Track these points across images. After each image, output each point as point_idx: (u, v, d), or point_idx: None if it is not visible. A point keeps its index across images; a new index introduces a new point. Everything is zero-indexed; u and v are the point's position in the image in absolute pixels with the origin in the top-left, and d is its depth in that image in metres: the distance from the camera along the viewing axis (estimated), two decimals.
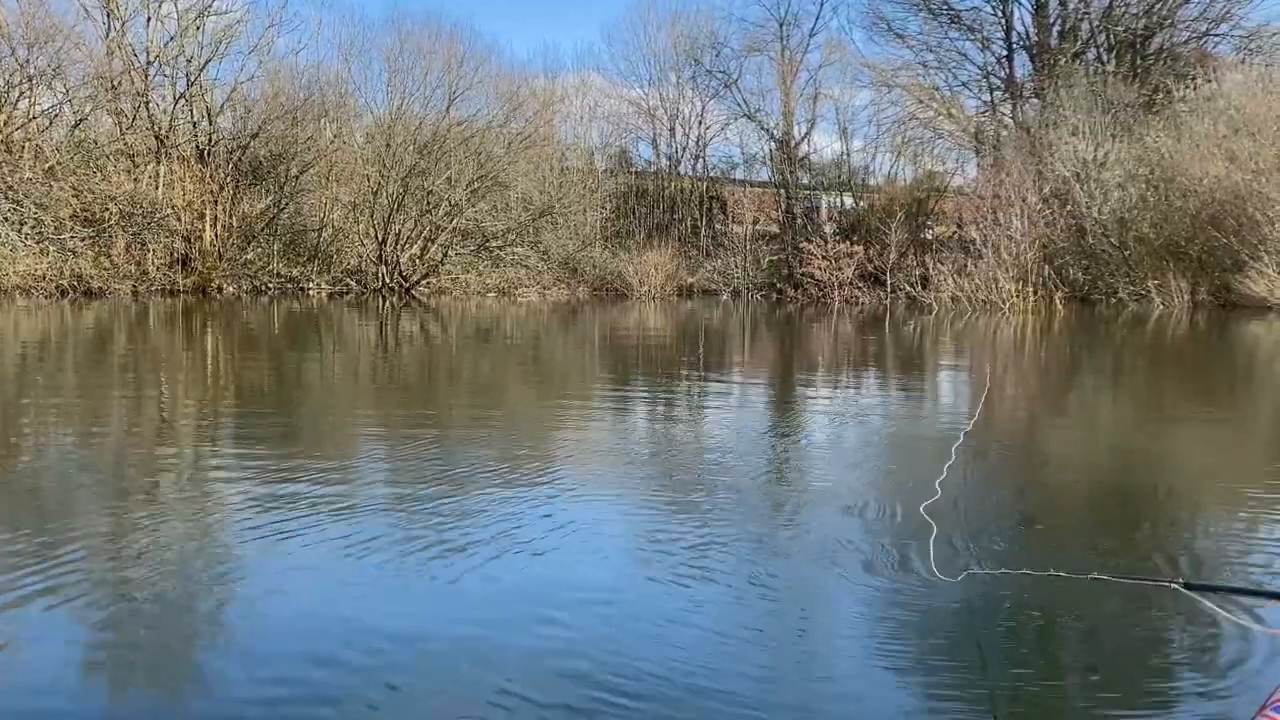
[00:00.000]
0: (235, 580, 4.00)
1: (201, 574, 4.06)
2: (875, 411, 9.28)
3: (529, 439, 7.42)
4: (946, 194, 35.27)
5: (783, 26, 38.92)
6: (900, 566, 4.23)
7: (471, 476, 5.82)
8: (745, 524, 4.93)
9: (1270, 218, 23.67)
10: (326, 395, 10.10)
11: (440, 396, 10.08)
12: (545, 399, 10.03)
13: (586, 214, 35.44)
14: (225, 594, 3.85)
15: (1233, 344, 17.03)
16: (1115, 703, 2.94)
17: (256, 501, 5.08)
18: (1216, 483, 6.22)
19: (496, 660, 3.20)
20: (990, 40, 37.41)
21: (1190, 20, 35.08)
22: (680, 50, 39.71)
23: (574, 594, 3.86)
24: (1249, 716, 2.40)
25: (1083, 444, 7.74)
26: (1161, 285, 25.40)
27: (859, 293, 30.45)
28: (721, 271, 34.76)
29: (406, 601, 3.76)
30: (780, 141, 39.15)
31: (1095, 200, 27.16)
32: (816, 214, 36.99)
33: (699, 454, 6.99)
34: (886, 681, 3.14)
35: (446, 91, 30.79)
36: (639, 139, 41.08)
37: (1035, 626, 3.63)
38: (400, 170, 29.70)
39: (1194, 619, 3.50)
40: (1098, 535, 4.84)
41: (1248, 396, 10.71)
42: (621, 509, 5.26)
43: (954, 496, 5.61)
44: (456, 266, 31.58)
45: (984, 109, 37.89)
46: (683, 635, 3.43)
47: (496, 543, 4.45)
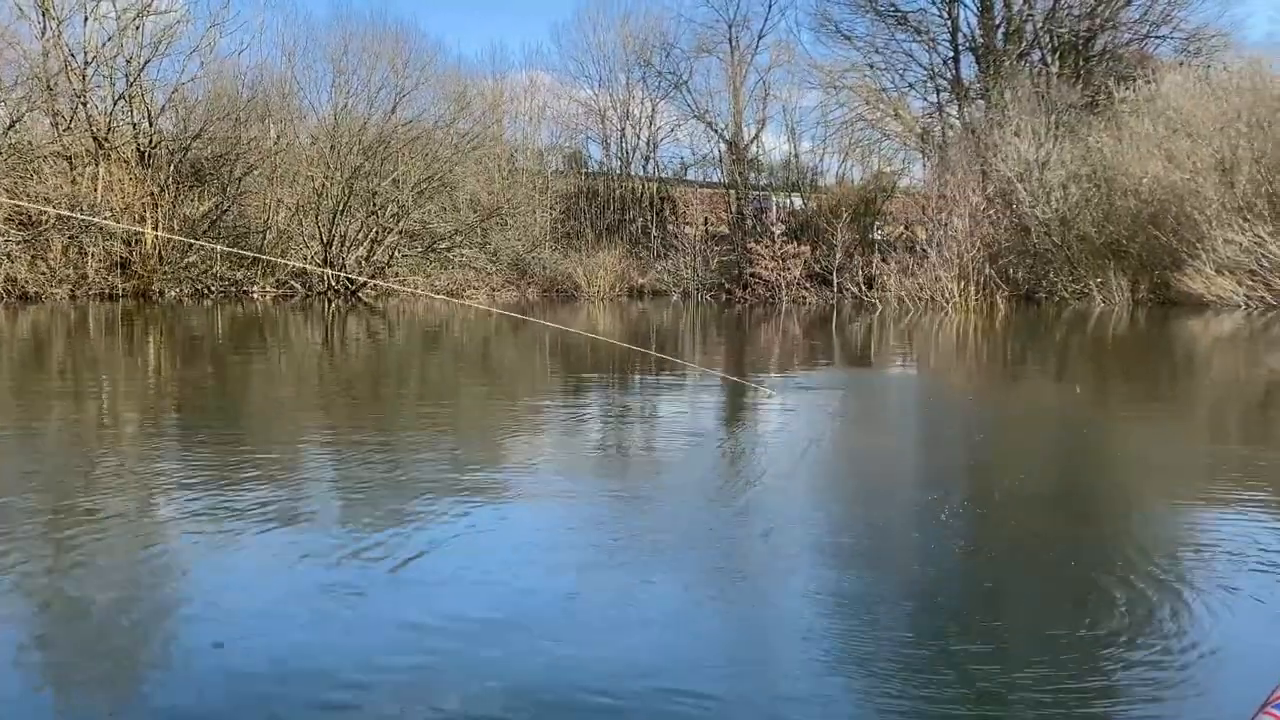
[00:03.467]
0: (175, 593, 3.87)
1: (140, 587, 3.92)
2: (821, 409, 9.26)
3: (478, 442, 7.32)
4: (894, 195, 35.51)
5: (731, 28, 39.06)
6: (854, 559, 4.24)
7: (420, 481, 5.72)
8: (698, 521, 4.92)
9: (1208, 216, 24.03)
10: (270, 401, 9.92)
11: (388, 400, 9.93)
12: (493, 401, 9.92)
13: (536, 215, 35.33)
14: (165, 608, 3.72)
15: (1170, 340, 17.24)
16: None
17: (198, 512, 4.95)
18: (1143, 463, 6.24)
19: (447, 666, 3.14)
20: (936, 42, 37.75)
21: (1132, 22, 35.65)
22: (630, 51, 39.74)
23: (527, 595, 3.81)
24: (1249, 716, 2.36)
25: (1009, 435, 7.77)
26: (1103, 283, 25.73)
27: (806, 293, 30.57)
28: (672, 272, 34.77)
29: (354, 609, 3.67)
30: (730, 142, 39.27)
31: (1038, 200, 27.44)
32: (766, 215, 37.09)
33: (650, 453, 6.96)
34: (843, 674, 3.13)
35: (392, 92, 30.52)
36: (589, 139, 41.05)
37: (1000, 604, 3.63)
38: (345, 171, 29.39)
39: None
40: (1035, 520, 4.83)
41: (1181, 388, 10.82)
42: (573, 509, 5.21)
43: (898, 486, 5.60)
44: (404, 268, 31.29)
45: (931, 110, 38.23)
46: (640, 633, 3.42)
47: (446, 546, 4.39)
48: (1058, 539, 4.54)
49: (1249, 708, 2.40)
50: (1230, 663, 3.13)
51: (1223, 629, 3.35)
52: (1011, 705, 2.88)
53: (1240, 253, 23.12)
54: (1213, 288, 23.29)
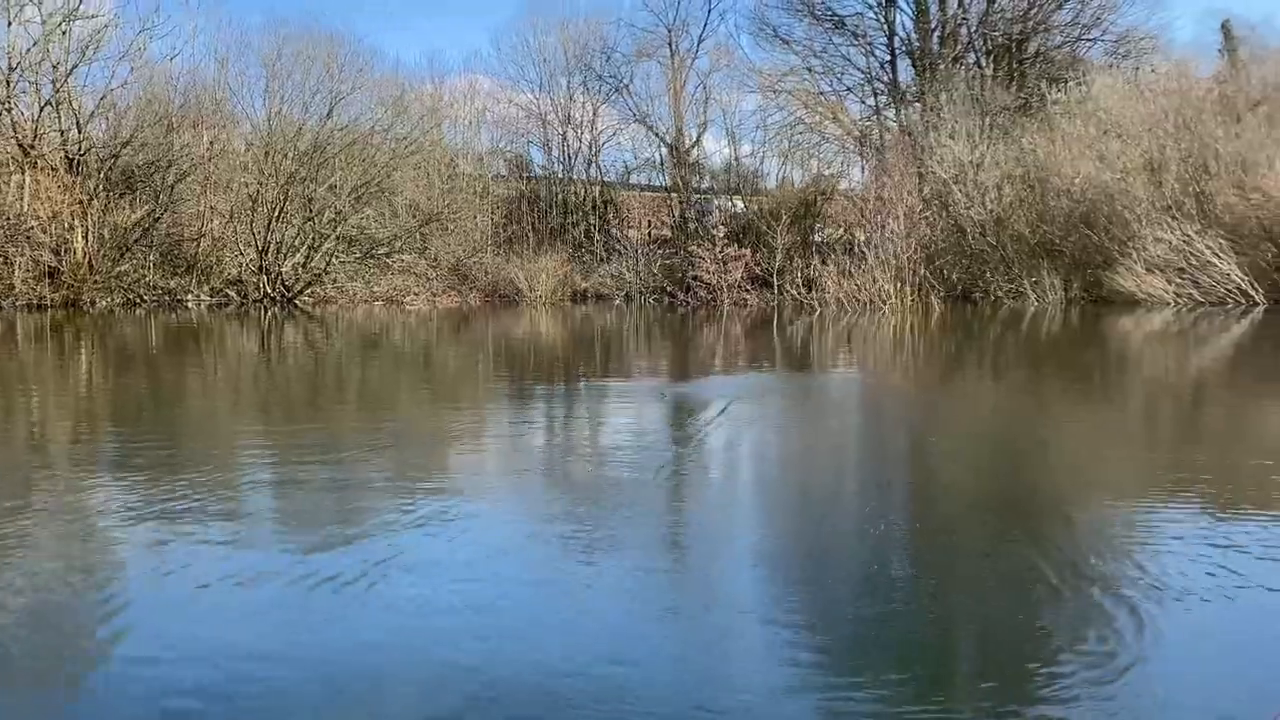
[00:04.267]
0: (115, 615, 3.67)
1: (78, 610, 3.74)
2: (761, 407, 9.25)
3: (421, 450, 7.18)
4: (834, 197, 35.76)
5: (671, 32, 39.16)
6: (800, 555, 4.23)
7: (363, 490, 5.60)
8: (645, 520, 4.90)
9: (1138, 216, 24.47)
10: (206, 412, 9.67)
11: (328, 410, 9.73)
12: (436, 409, 9.77)
13: (477, 219, 35.12)
14: (106, 632, 3.53)
15: (1100, 338, 17.49)
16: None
17: (136, 528, 4.77)
18: (1076, 462, 6.28)
19: (399, 675, 3.09)
20: (873, 46, 38.12)
21: (1063, 25, 36.27)
22: (570, 55, 39.64)
23: (475, 602, 3.73)
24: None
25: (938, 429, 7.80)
26: (1037, 282, 26.10)
27: (747, 295, 30.68)
28: (615, 276, 34.77)
29: (300, 621, 3.56)
30: (671, 146, 39.34)
31: (973, 201, 27.78)
32: (707, 218, 37.19)
33: (595, 455, 6.89)
34: (794, 671, 3.12)
35: (327, 97, 30.16)
36: (530, 144, 40.90)
37: (941, 602, 3.62)
38: (280, 178, 29.00)
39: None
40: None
41: (1112, 386, 10.95)
42: (519, 514, 5.15)
43: (835, 487, 5.58)
44: (342, 275, 30.94)
45: (869, 113, 38.58)
46: (591, 634, 3.39)
47: (393, 556, 4.27)
48: (995, 538, 4.57)
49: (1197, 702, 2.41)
50: (1174, 661, 3.15)
51: (1164, 628, 3.37)
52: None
53: (1169, 251, 23.54)
54: (1143, 286, 23.70)
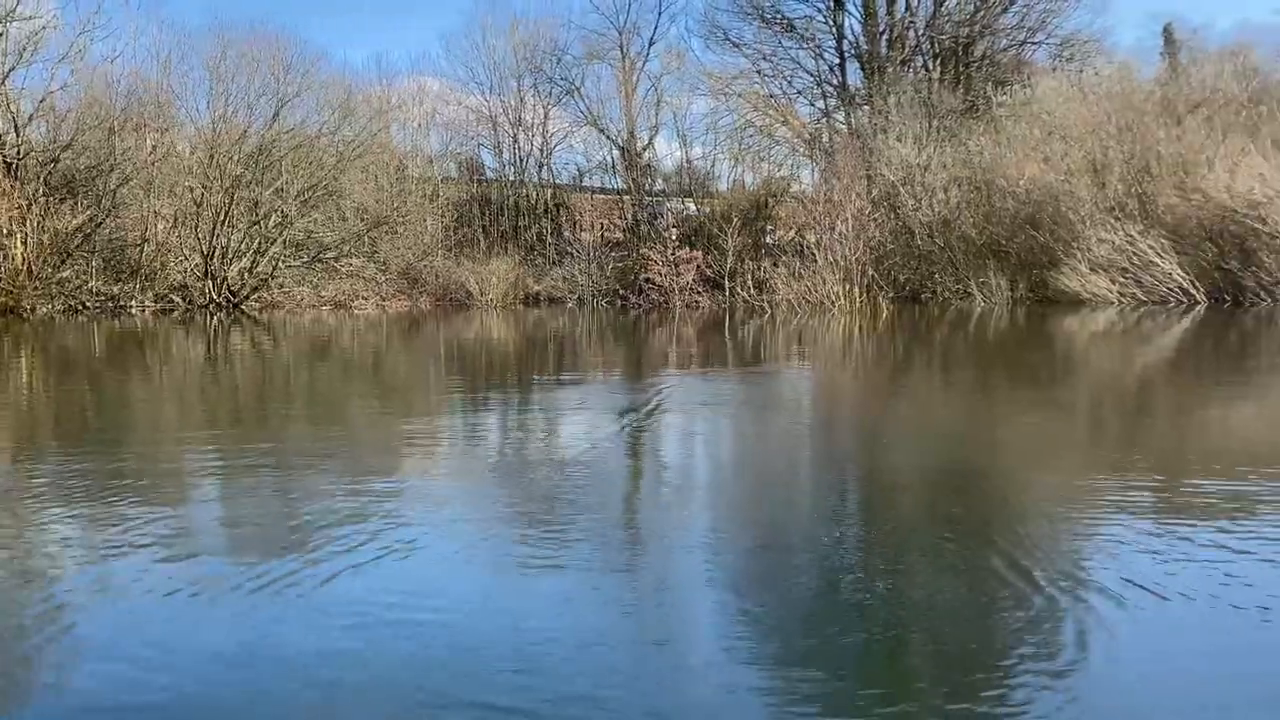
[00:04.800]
0: (62, 632, 3.53)
1: (21, 627, 3.58)
2: (716, 408, 9.23)
3: (373, 457, 7.03)
4: (785, 200, 35.94)
5: (622, 35, 39.14)
6: (756, 555, 4.23)
7: (313, 500, 5.43)
8: (601, 525, 4.82)
9: (1082, 216, 24.80)
10: (151, 421, 9.43)
11: (276, 416, 9.53)
12: (387, 415, 9.61)
13: (427, 222, 34.86)
14: (52, 648, 3.40)
15: (1043, 336, 17.65)
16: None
17: (77, 544, 4.59)
18: (1022, 459, 6.29)
19: (352, 683, 3.01)
20: (822, 49, 38.37)
21: (1009, 29, 36.73)
22: (521, 57, 39.50)
23: (430, 610, 3.64)
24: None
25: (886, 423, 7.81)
26: (983, 283, 26.36)
27: (699, 297, 30.73)
28: (567, 279, 34.68)
29: (249, 635, 3.44)
30: (623, 149, 39.32)
31: (921, 203, 28.02)
32: (659, 220, 37.22)
33: (549, 459, 6.77)
34: (753, 673, 3.08)
35: (273, 99, 29.80)
36: (481, 146, 40.70)
37: (903, 605, 3.59)
38: (225, 181, 28.60)
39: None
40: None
41: (1054, 383, 11.04)
42: (473, 520, 5.02)
43: (787, 485, 5.53)
44: (289, 279, 30.58)
45: (818, 116, 38.81)
46: (546, 639, 3.32)
47: (344, 568, 4.14)
48: (946, 534, 4.56)
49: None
50: (1129, 660, 3.11)
51: (1119, 626, 3.34)
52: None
53: (1113, 251, 23.88)
54: (1087, 285, 24.02)
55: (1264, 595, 3.54)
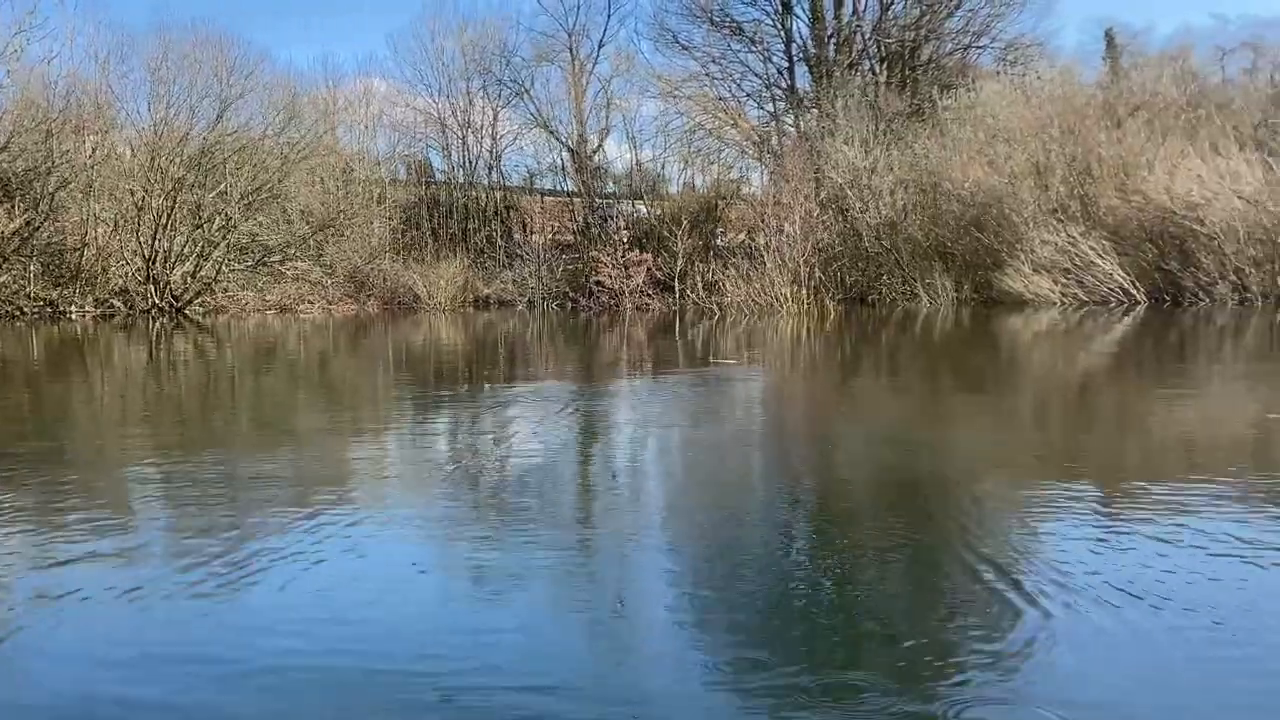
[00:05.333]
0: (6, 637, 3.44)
1: None
2: (666, 409, 9.18)
3: (321, 465, 6.88)
4: (736, 202, 36.05)
5: (572, 37, 39.07)
6: (705, 555, 4.21)
7: (261, 509, 5.29)
8: (553, 529, 4.77)
9: (1025, 218, 25.11)
10: (92, 430, 9.17)
11: (220, 423, 9.32)
12: (335, 420, 9.43)
13: (374, 225, 34.52)
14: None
15: (986, 336, 17.82)
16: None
17: (20, 554, 4.44)
18: (961, 458, 6.30)
19: (298, 690, 2.97)
20: (771, 52, 38.52)
21: (954, 33, 37.14)
22: (469, 59, 39.26)
23: (380, 618, 3.58)
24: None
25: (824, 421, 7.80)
26: (929, 284, 26.61)
27: (649, 299, 30.72)
28: (517, 282, 34.51)
29: (197, 647, 3.36)
30: (574, 151, 39.23)
31: (868, 205, 28.22)
32: (610, 223, 37.18)
33: (500, 463, 6.67)
34: (704, 672, 3.07)
35: (216, 101, 29.33)
36: (429, 148, 40.40)
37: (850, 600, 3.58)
38: (167, 184, 28.13)
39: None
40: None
41: (993, 382, 11.12)
42: (422, 522, 4.96)
43: (736, 486, 5.49)
44: (233, 283, 30.14)
45: (768, 119, 38.95)
46: (499, 643, 3.29)
47: (294, 578, 4.05)
48: (896, 532, 4.55)
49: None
50: (1077, 656, 3.10)
51: (1066, 621, 3.35)
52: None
53: (1055, 252, 24.20)
54: (1030, 286, 24.32)
55: (1213, 596, 3.55)
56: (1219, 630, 3.23)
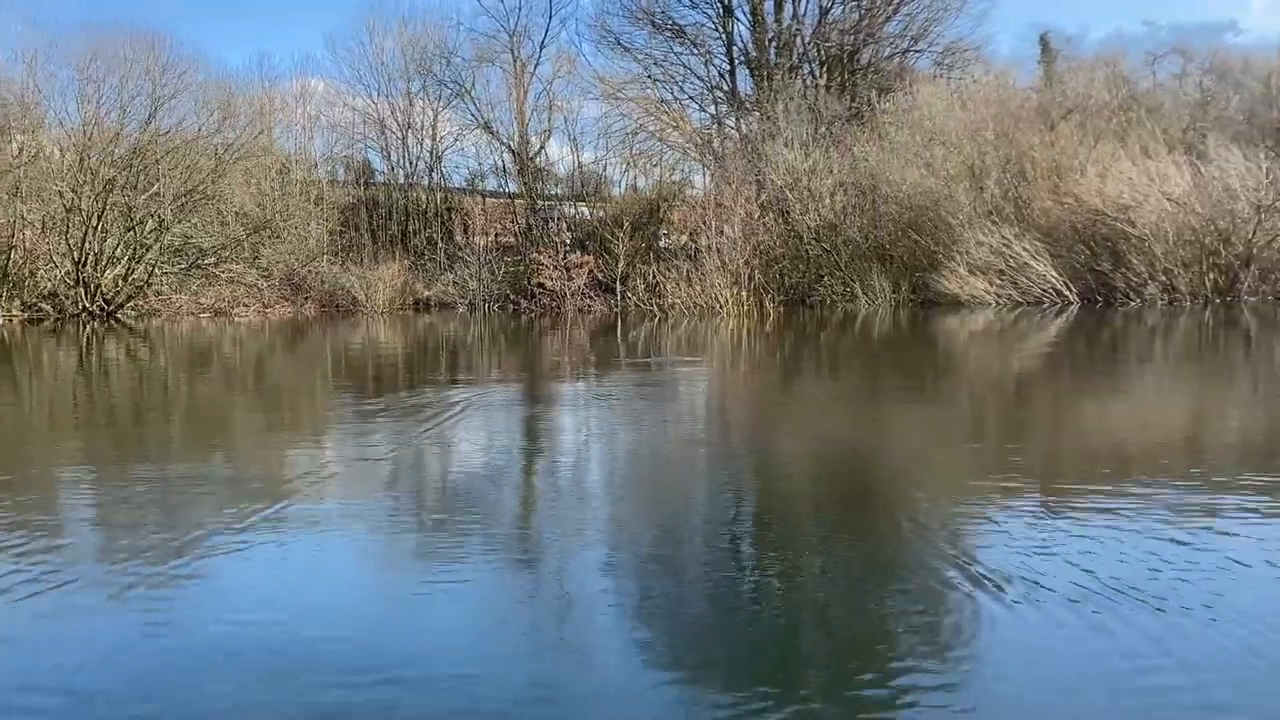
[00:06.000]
0: None
1: None
2: (609, 410, 9.11)
3: (258, 470, 6.70)
4: (677, 204, 36.06)
5: (513, 38, 38.82)
6: (644, 557, 4.19)
7: (196, 517, 5.13)
8: (496, 531, 4.74)
9: (961, 220, 25.39)
10: (17, 439, 8.88)
11: (154, 431, 9.06)
12: (271, 426, 9.22)
13: (311, 227, 34.06)
14: None
15: (921, 337, 17.98)
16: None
17: None
18: (897, 458, 6.29)
19: (237, 698, 2.90)
20: (713, 55, 38.62)
21: (893, 37, 37.46)
22: (409, 59, 38.89)
23: (321, 626, 3.49)
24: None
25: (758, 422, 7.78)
26: (868, 285, 26.81)
27: (591, 301, 30.64)
28: (458, 284, 34.22)
29: (132, 660, 3.24)
30: (516, 153, 39.01)
31: (808, 207, 28.37)
32: (552, 224, 37.03)
33: (441, 467, 6.59)
34: (648, 671, 3.06)
35: (148, 101, 28.77)
36: (369, 149, 39.96)
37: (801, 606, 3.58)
38: (98, 185, 27.53)
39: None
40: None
41: (928, 382, 11.19)
42: (358, 526, 4.88)
43: (674, 487, 5.44)
44: (166, 286, 29.57)
45: (710, 122, 39.05)
46: (443, 648, 3.24)
47: (231, 586, 3.97)
48: (835, 534, 4.56)
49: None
50: (1017, 657, 3.11)
51: (1005, 623, 3.36)
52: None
53: (990, 254, 24.51)
54: (966, 287, 24.60)
55: (1148, 589, 3.59)
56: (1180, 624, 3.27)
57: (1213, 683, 2.82)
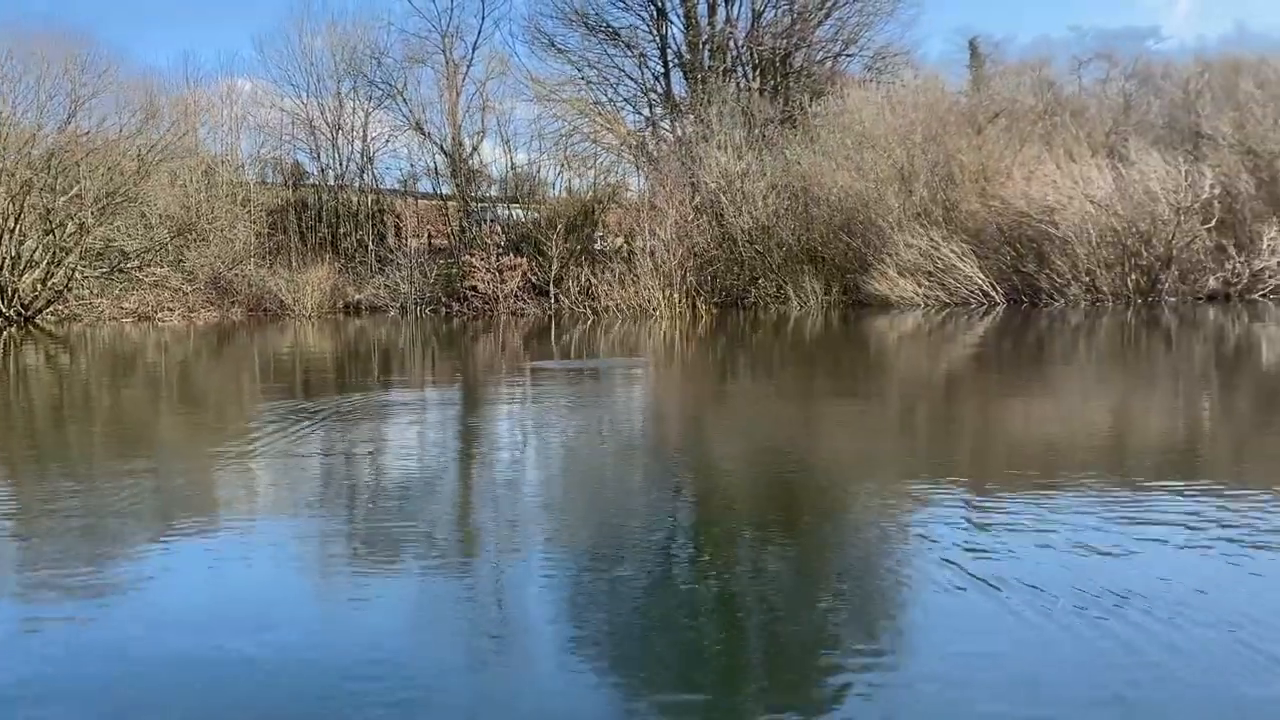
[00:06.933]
0: None
1: None
2: (541, 410, 9.04)
3: (183, 480, 6.51)
4: (612, 207, 36.01)
5: (445, 39, 38.49)
6: (579, 561, 4.19)
7: (120, 529, 4.98)
8: (427, 535, 4.69)
9: (890, 223, 25.71)
10: None
11: (74, 441, 8.77)
12: (197, 434, 8.97)
13: (238, 229, 33.43)
14: None
15: (850, 338, 18.18)
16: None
17: None
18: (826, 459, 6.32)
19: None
20: (647, 57, 38.67)
21: (824, 41, 37.84)
22: (339, 59, 38.36)
23: (251, 635, 3.41)
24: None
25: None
26: (800, 287, 27.03)
27: (524, 304, 30.50)
28: (389, 287, 33.83)
29: (58, 674, 3.16)
30: (449, 154, 38.69)
31: (741, 210, 28.51)
32: (485, 227, 36.77)
33: (372, 471, 6.48)
34: (589, 674, 3.05)
35: (68, 100, 28.05)
36: (298, 150, 39.34)
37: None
38: (13, 187, 26.76)
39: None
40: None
41: (857, 381, 11.30)
42: (288, 538, 4.79)
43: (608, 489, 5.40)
44: (87, 291, 28.85)
45: (644, 124, 39.10)
46: (380, 661, 3.15)
47: (158, 598, 3.86)
48: (767, 536, 4.56)
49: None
50: (947, 657, 3.12)
51: (935, 622, 3.39)
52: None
53: (919, 256, 24.85)
54: (895, 289, 24.92)
55: (1082, 585, 3.64)
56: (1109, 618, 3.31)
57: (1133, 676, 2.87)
